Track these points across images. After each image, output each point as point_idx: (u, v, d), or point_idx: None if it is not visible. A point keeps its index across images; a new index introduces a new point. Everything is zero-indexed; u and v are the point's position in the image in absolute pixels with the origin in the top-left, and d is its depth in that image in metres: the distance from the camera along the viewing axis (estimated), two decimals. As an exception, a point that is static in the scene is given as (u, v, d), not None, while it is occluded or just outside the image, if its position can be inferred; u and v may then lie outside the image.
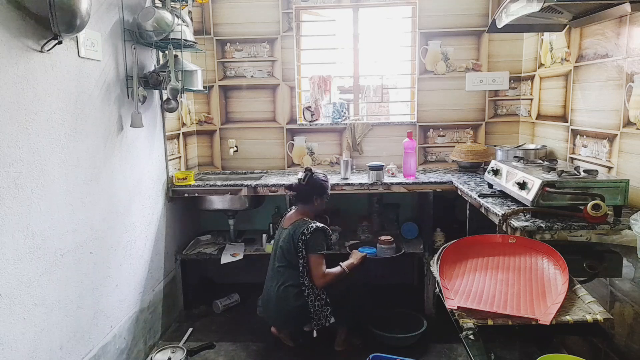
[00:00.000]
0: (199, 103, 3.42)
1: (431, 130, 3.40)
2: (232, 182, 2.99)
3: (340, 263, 2.55)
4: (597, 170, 1.95)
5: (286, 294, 2.46)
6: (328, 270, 2.48)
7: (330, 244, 2.61)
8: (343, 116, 3.42)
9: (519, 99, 3.32)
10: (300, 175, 2.61)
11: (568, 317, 1.13)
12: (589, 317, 1.12)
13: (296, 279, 2.46)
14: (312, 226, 2.46)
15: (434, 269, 1.44)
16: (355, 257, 2.62)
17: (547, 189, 1.81)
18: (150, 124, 2.69)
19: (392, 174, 3.10)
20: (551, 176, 1.92)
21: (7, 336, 1.59)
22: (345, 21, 3.38)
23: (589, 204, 1.70)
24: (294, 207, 2.72)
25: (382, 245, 2.84)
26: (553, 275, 1.34)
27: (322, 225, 2.52)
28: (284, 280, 2.48)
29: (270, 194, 2.95)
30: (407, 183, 2.90)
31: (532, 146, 2.93)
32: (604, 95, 2.28)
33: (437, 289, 1.34)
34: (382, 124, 3.45)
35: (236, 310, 3.15)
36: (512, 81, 3.30)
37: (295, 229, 2.49)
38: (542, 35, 2.93)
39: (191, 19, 2.77)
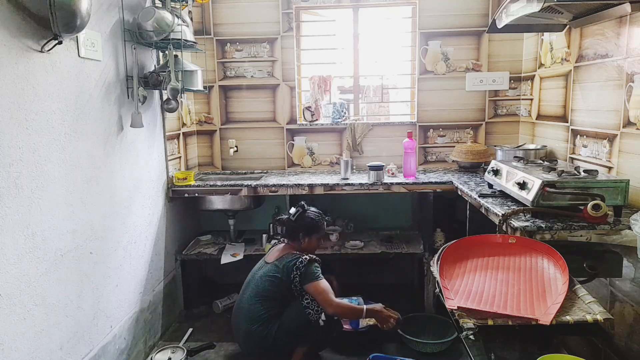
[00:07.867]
0: (199, 103, 3.42)
1: (431, 130, 3.39)
2: (232, 182, 2.98)
3: (365, 305, 2.42)
4: (597, 170, 1.94)
5: (265, 329, 2.31)
6: (339, 300, 2.36)
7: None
8: (343, 116, 3.42)
9: (519, 99, 3.32)
10: (293, 210, 2.53)
11: (568, 317, 1.13)
12: (589, 317, 1.12)
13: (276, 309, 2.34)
14: (305, 258, 2.37)
15: (434, 269, 1.44)
16: (379, 306, 2.47)
17: (547, 189, 1.80)
18: (150, 124, 2.68)
19: (392, 174, 3.10)
20: (551, 176, 1.91)
21: (7, 336, 1.59)
22: (345, 21, 3.38)
23: (589, 204, 1.70)
24: (282, 241, 2.64)
25: None
26: (553, 275, 1.34)
27: (314, 256, 2.42)
28: (261, 315, 2.33)
29: (270, 194, 2.95)
30: (407, 183, 2.90)
31: (532, 146, 2.93)
32: (604, 95, 2.28)
33: (437, 289, 1.34)
34: (382, 124, 3.45)
35: (236, 310, 3.15)
36: (512, 81, 3.30)
37: (285, 264, 2.37)
38: (542, 35, 2.93)
39: (191, 19, 2.78)
